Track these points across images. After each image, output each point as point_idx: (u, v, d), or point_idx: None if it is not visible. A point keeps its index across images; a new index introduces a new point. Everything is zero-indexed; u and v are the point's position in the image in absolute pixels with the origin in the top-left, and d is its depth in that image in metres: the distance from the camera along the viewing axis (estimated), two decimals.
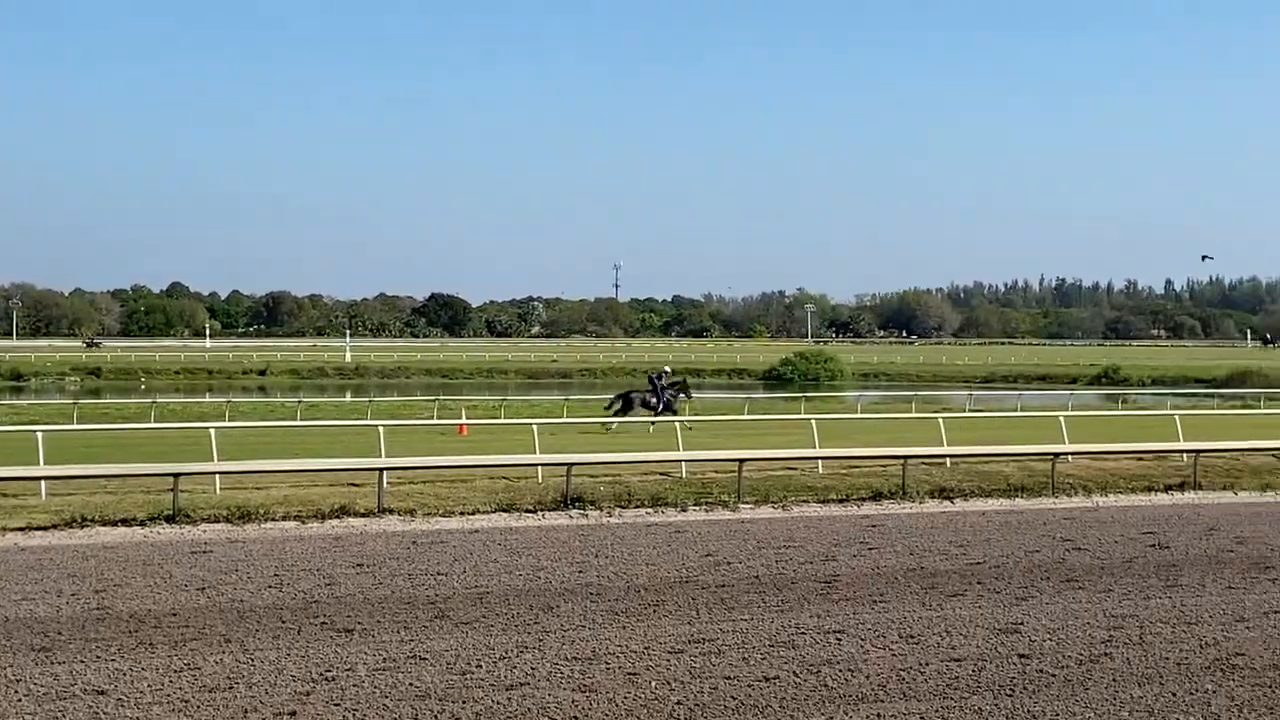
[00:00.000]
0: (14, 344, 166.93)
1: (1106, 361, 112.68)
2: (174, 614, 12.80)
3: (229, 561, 15.95)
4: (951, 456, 25.26)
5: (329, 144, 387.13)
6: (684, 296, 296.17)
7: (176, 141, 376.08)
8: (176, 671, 10.55)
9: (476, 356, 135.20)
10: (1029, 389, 76.86)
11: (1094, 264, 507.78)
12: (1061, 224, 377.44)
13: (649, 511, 21.01)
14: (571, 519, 20.33)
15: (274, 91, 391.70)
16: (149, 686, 10.12)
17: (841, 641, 11.77)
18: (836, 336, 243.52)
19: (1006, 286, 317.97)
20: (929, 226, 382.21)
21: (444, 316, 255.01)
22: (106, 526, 18.86)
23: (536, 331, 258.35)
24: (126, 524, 19.08)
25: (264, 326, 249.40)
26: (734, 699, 9.98)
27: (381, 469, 21.16)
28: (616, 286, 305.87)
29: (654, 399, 41.05)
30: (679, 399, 42.15)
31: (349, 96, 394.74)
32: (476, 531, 18.84)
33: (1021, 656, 11.28)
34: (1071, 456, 25.54)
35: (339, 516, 19.95)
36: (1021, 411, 44.61)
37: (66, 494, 21.03)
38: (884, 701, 9.95)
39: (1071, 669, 10.90)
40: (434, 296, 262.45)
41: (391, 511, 20.42)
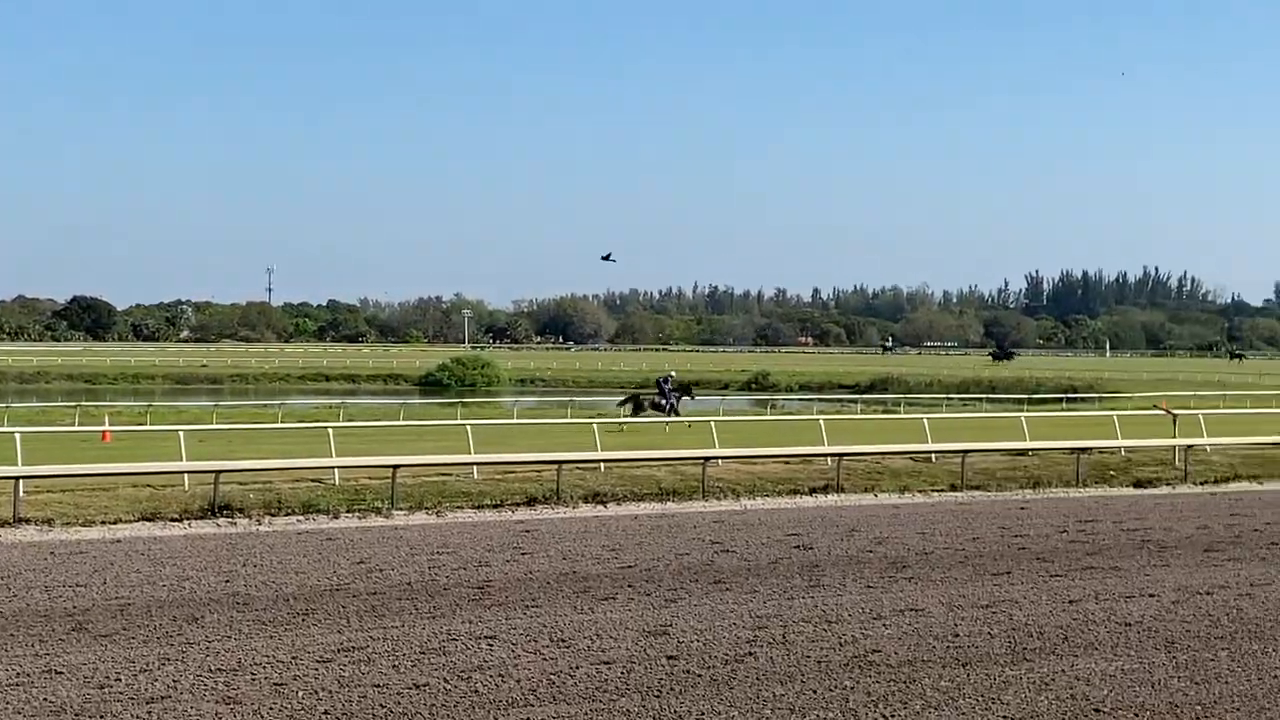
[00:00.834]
0: None
1: (757, 367, 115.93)
2: None
3: None
4: (605, 461, 25.52)
5: None
6: (340, 301, 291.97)
7: None
8: None
9: (121, 361, 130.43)
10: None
11: (745, 272, 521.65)
12: (715, 233, 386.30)
13: (300, 519, 20.59)
14: (219, 528, 19.77)
15: None
16: None
17: (493, 647, 11.74)
18: (494, 342, 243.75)
19: (661, 294, 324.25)
20: (587, 234, 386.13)
21: (87, 319, 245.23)
22: None
23: (185, 335, 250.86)
24: None
25: None
26: (383, 707, 9.84)
27: (17, 477, 20.21)
28: (270, 290, 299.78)
29: (662, 401, 45.71)
30: (681, 401, 46.13)
31: None
32: (119, 541, 18.14)
33: (670, 658, 11.44)
34: (721, 460, 26.08)
35: None
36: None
37: None
38: (534, 706, 9.95)
39: (718, 669, 11.10)
40: (76, 299, 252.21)
41: (28, 521, 19.52)
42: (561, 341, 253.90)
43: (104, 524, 19.68)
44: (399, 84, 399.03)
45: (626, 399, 47.17)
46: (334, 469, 23.71)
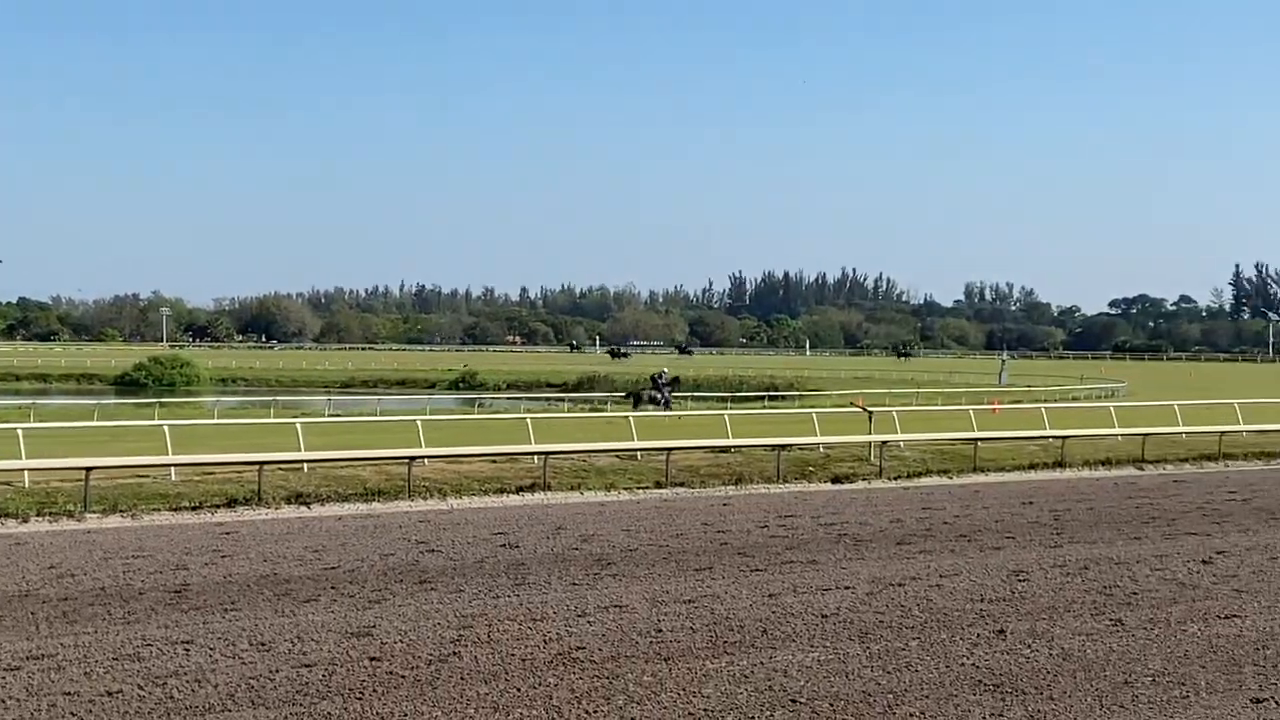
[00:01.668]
0: None
1: (464, 366, 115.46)
2: None
3: None
4: (309, 461, 25.11)
5: None
6: (30, 299, 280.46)
7: None
8: None
9: None
10: (389, 394, 77.77)
11: (452, 271, 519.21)
12: (422, 232, 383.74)
13: None
14: None
15: None
16: None
17: (190, 652, 11.46)
18: (194, 341, 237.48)
19: (368, 292, 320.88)
20: (290, 232, 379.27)
21: None
22: None
23: None
24: None
25: None
26: (74, 715, 9.52)
27: None
28: None
29: (658, 395, 50.45)
30: (672, 395, 51.05)
31: None
32: None
33: (373, 659, 11.34)
34: (428, 460, 25.92)
35: None
36: (381, 416, 45.09)
37: None
38: (231, 711, 9.75)
39: (422, 669, 11.04)
40: None
41: None
42: (264, 340, 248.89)
43: None
44: (83, 75, 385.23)
45: (629, 394, 52.77)
46: (23, 471, 22.77)
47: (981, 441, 31.17)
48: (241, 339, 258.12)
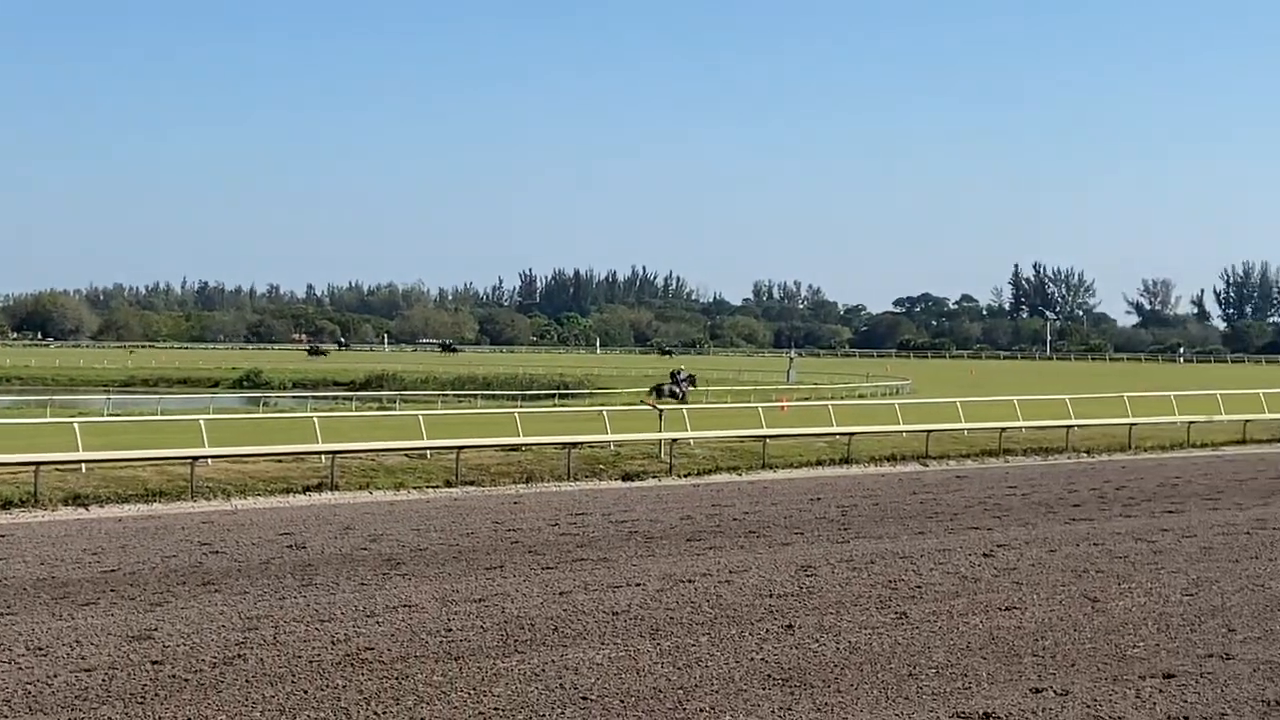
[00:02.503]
0: None
1: (249, 365, 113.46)
2: None
3: None
4: (88, 462, 24.39)
5: None
6: None
7: None
8: None
9: None
10: (170, 393, 76.12)
11: (237, 268, 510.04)
12: (204, 228, 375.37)
13: None
14: None
15: None
16: None
17: None
18: None
19: (148, 289, 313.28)
20: (69, 226, 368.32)
21: None
22: None
23: None
24: None
25: None
26: None
27: None
28: None
29: (676, 389, 55.06)
30: (689, 389, 56.39)
31: None
32: None
33: (155, 663, 11.06)
34: (211, 460, 25.39)
35: None
36: (162, 415, 44.03)
37: None
38: (9, 717, 9.43)
39: (205, 672, 10.80)
40: None
41: None
42: (40, 338, 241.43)
43: None
44: None
45: (652, 389, 56.87)
46: None
47: (770, 439, 31.56)
48: (16, 336, 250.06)
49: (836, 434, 33.30)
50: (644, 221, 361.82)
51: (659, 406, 40.22)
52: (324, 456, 26.27)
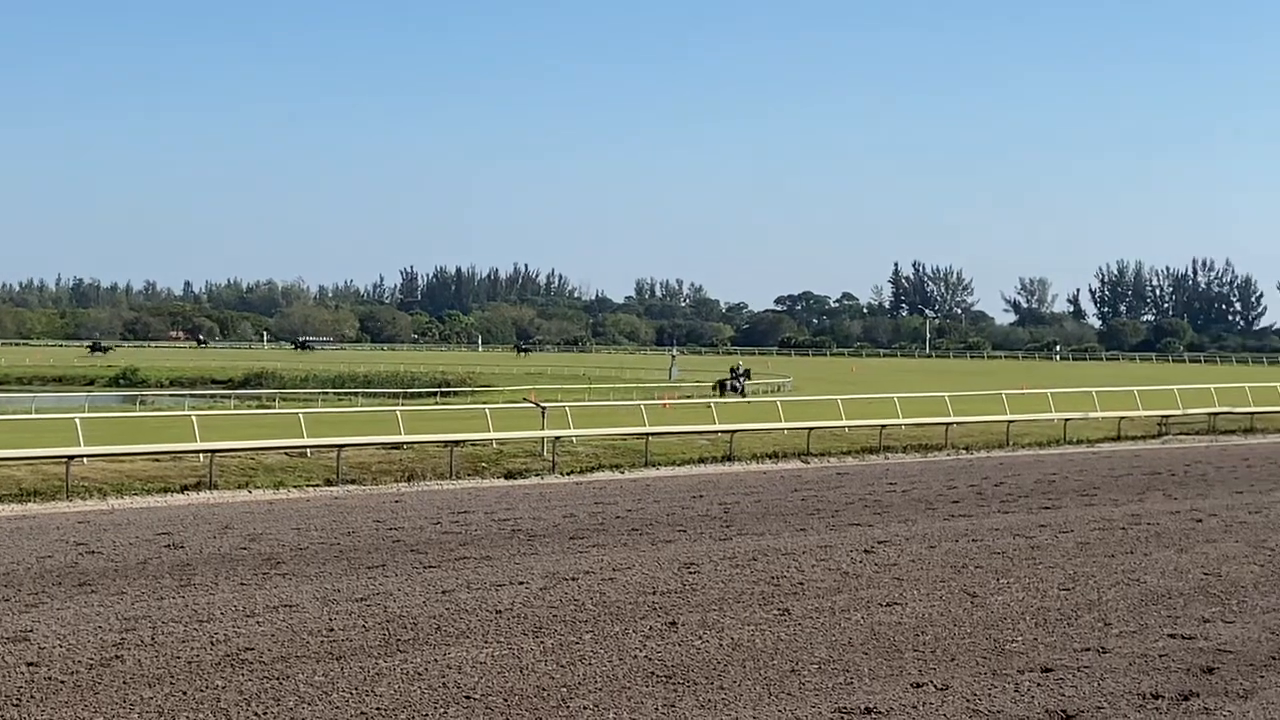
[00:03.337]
0: None
1: (125, 363, 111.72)
2: None
3: None
4: None
5: None
6: None
7: None
8: None
9: None
10: (44, 391, 74.78)
11: (112, 265, 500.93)
12: (76, 223, 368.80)
13: None
14: None
15: None
16: None
17: None
18: None
19: (22, 286, 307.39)
20: None
21: None
22: None
23: None
24: None
25: None
26: None
27: None
28: None
29: (737, 384, 61.51)
30: (745, 383, 62.62)
31: None
32: None
33: (30, 664, 10.89)
34: (87, 459, 25.00)
35: None
36: (37, 414, 43.28)
37: None
38: None
39: (82, 674, 10.64)
40: None
41: None
42: None
43: None
44: None
45: (716, 383, 62.66)
46: None
47: (653, 436, 31.63)
48: None
49: (718, 431, 33.45)
50: (526, 220, 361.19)
51: (723, 400, 47.88)
52: (202, 455, 25.95)
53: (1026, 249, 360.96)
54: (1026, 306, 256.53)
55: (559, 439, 30.42)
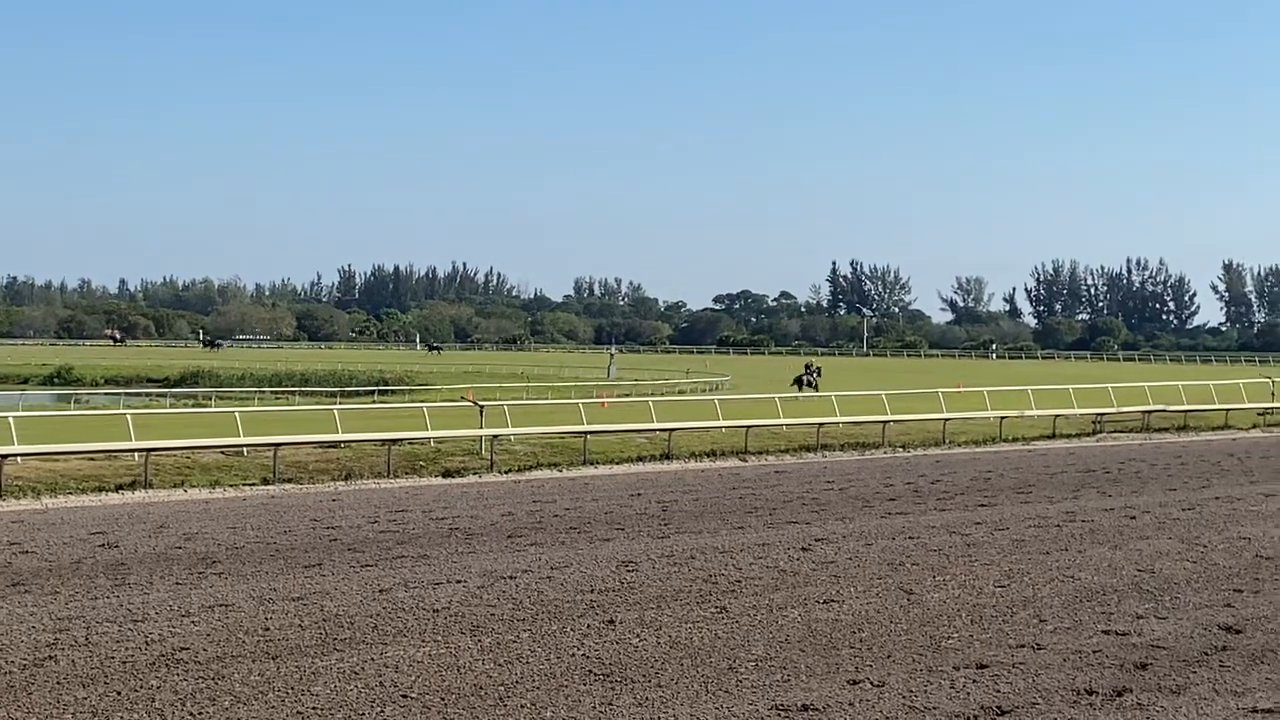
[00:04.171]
0: None
1: (60, 361, 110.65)
2: None
3: None
4: None
5: None
6: None
7: None
8: None
9: None
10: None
11: (47, 263, 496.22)
12: (10, 220, 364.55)
13: None
14: None
15: None
16: None
17: None
18: None
19: None
20: None
21: None
22: None
23: None
24: None
25: None
26: None
27: None
28: None
29: (811, 380, 64.66)
30: (818, 379, 65.69)
31: None
32: None
33: None
34: (21, 458, 24.75)
35: None
36: None
37: None
38: None
39: (15, 674, 10.55)
40: None
41: None
42: None
43: None
44: None
45: (795, 380, 65.52)
46: None
47: (591, 435, 31.62)
48: None
49: (657, 430, 33.48)
50: (465, 218, 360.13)
51: (799, 395, 51.76)
52: (137, 454, 25.74)
53: (963, 248, 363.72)
54: (963, 305, 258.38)
55: (497, 437, 30.37)
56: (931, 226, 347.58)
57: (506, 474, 28.07)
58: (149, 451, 25.29)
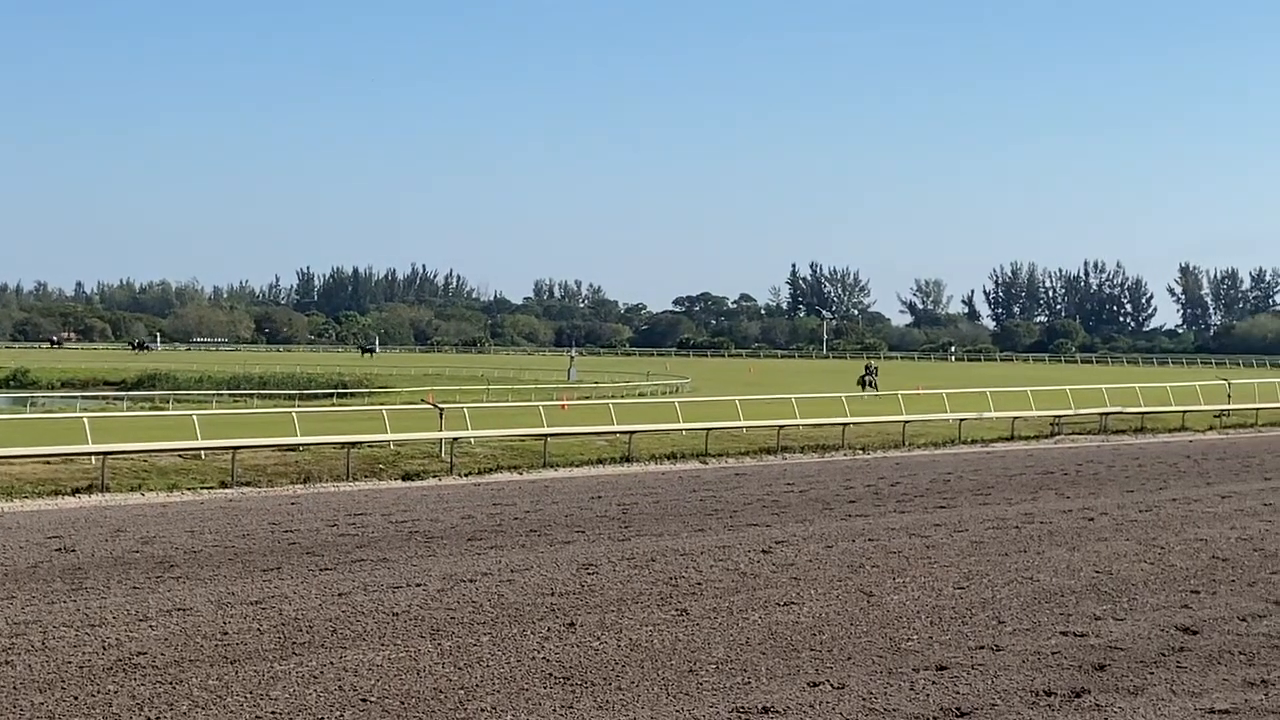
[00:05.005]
0: None
1: (16, 364, 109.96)
2: None
3: None
4: None
5: None
6: None
7: None
8: None
9: None
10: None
11: (1, 265, 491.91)
12: None
13: None
14: None
15: None
16: None
17: None
18: None
19: None
20: None
21: None
22: None
23: None
24: None
25: None
26: None
27: None
28: None
29: (872, 380, 67.76)
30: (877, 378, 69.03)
31: None
32: None
33: None
34: None
35: None
36: None
37: None
38: None
39: None
40: None
41: None
42: None
43: None
44: None
45: (858, 380, 68.16)
46: None
47: (551, 437, 31.60)
48: None
49: (617, 432, 33.48)
50: (423, 220, 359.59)
51: (864, 394, 55.75)
52: (94, 458, 25.61)
53: (922, 251, 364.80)
54: (922, 308, 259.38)
55: (457, 440, 30.31)
56: (890, 229, 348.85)
57: (466, 477, 28.02)
58: (106, 455, 25.15)
